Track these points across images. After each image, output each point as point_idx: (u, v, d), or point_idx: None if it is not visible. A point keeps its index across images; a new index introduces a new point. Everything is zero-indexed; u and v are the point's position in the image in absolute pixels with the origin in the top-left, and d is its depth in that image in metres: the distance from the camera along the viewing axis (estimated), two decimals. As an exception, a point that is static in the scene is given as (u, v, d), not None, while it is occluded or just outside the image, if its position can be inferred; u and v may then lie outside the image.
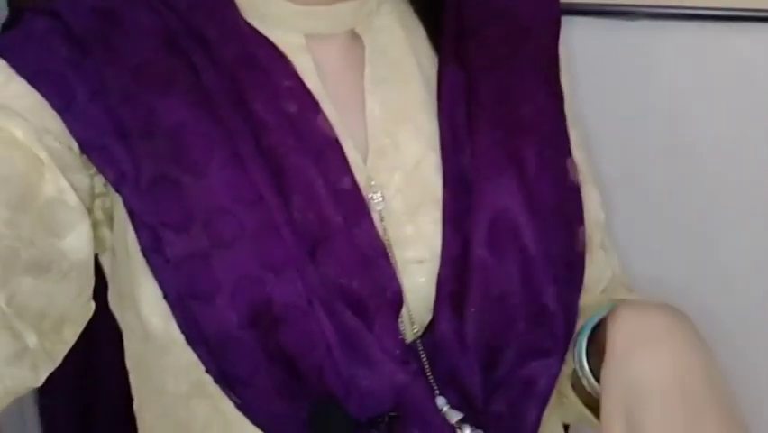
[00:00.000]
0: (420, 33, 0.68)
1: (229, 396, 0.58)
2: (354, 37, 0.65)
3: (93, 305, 0.60)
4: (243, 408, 0.58)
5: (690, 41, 0.93)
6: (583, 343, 0.61)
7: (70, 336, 0.59)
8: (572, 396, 0.65)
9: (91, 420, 1.03)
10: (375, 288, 0.58)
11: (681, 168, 0.99)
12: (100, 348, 0.81)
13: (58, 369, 0.59)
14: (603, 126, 0.93)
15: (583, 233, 0.65)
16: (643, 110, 0.97)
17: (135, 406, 0.69)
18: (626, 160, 0.98)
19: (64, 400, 1.03)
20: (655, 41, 0.94)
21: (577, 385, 0.65)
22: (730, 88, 0.94)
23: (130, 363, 0.68)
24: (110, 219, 0.62)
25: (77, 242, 0.57)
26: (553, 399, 0.63)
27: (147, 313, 0.59)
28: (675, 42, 0.93)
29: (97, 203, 0.61)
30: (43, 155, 0.56)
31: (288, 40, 0.62)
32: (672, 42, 0.94)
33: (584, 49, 0.91)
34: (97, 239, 0.61)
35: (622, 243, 0.85)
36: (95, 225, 0.61)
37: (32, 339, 0.54)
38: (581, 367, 0.61)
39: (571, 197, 0.65)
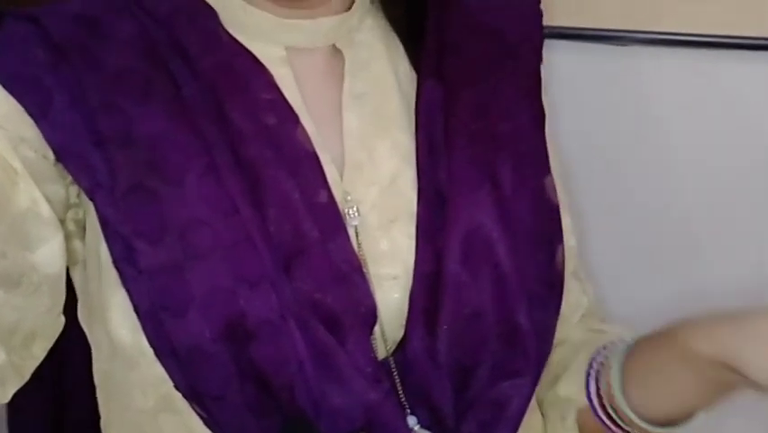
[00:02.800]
0: (400, 50, 0.68)
1: (197, 411, 0.57)
2: (335, 51, 0.65)
3: (63, 319, 0.60)
4: (212, 423, 0.57)
5: (679, 68, 0.93)
6: (617, 376, 0.62)
7: (40, 351, 0.58)
8: None
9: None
10: (349, 304, 0.58)
11: (667, 195, 0.99)
12: (70, 364, 0.80)
13: (27, 384, 0.58)
14: (588, 151, 0.94)
15: (562, 252, 0.65)
16: (629, 136, 0.98)
17: (102, 422, 0.68)
18: (611, 186, 0.98)
19: (33, 415, 1.01)
20: (644, 66, 0.94)
21: (588, 424, 0.66)
22: (717, 115, 0.94)
23: (97, 378, 0.67)
24: (82, 230, 0.61)
25: (49, 255, 0.57)
26: (526, 419, 0.63)
27: (116, 325, 0.58)
28: (663, 68, 0.94)
29: (70, 214, 0.60)
30: (17, 165, 0.56)
31: (268, 51, 0.62)
32: (660, 68, 0.94)
33: (572, 73, 0.92)
34: (69, 251, 0.61)
35: (602, 269, 0.85)
36: (66, 237, 0.60)
37: (0, 355, 0.53)
38: (616, 398, 0.61)
39: (549, 215, 0.65)
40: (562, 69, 0.84)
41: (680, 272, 1.00)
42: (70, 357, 0.74)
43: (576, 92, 0.92)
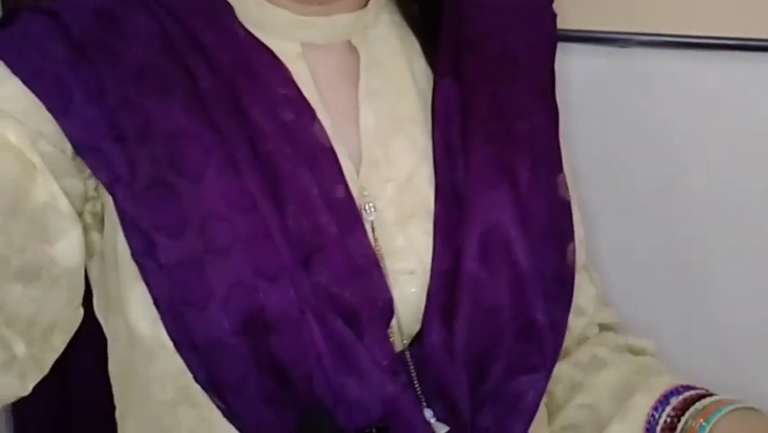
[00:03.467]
0: (415, 47, 0.69)
1: (216, 403, 0.57)
2: (350, 48, 0.65)
3: (81, 312, 0.60)
4: (230, 415, 0.58)
5: (683, 69, 0.94)
6: None
7: (59, 343, 0.58)
8: None
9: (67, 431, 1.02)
10: (366, 297, 0.58)
11: (671, 195, 1.00)
12: (76, 358, 0.80)
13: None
14: (594, 152, 0.94)
15: (573, 249, 0.66)
16: (634, 137, 0.98)
17: (117, 414, 0.68)
18: (616, 187, 0.99)
19: (39, 410, 1.01)
20: (648, 68, 0.95)
21: None
22: (723, 116, 0.95)
23: (114, 370, 0.67)
24: (100, 223, 0.62)
25: (68, 248, 0.57)
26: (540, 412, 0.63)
27: (135, 318, 0.58)
28: (668, 70, 0.94)
29: (88, 207, 0.61)
30: (36, 160, 0.56)
31: (284, 47, 0.62)
32: (664, 70, 0.94)
33: (577, 75, 0.92)
34: (86, 243, 0.61)
35: (605, 267, 0.86)
36: (84, 230, 0.60)
37: (20, 348, 0.54)
38: None
39: (562, 213, 0.66)
40: (566, 71, 0.84)
41: (683, 271, 1.01)
42: (76, 351, 0.74)
43: (580, 94, 0.92)
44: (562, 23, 0.75)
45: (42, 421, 1.04)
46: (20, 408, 1.03)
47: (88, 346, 0.66)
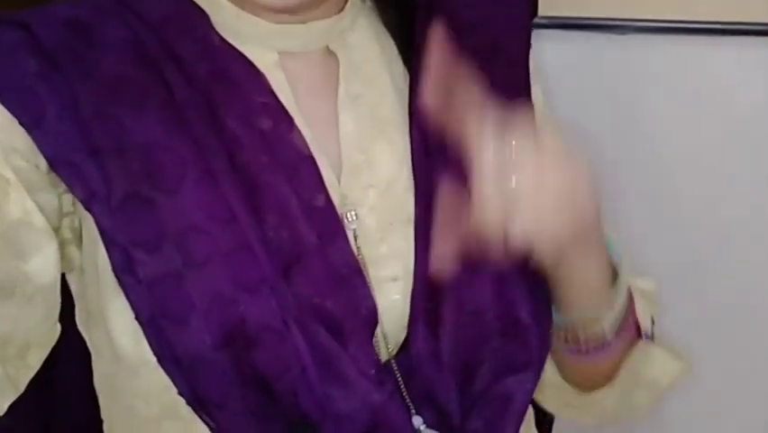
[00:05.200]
0: (393, 50, 0.68)
1: (202, 419, 0.57)
2: (328, 53, 0.65)
3: (59, 327, 0.59)
4: (216, 430, 0.57)
5: (679, 55, 0.94)
6: None
7: (35, 360, 0.57)
8: None
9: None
10: (350, 307, 0.58)
11: (662, 182, 0.99)
12: (61, 370, 0.79)
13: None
14: (588, 140, 0.94)
15: None
16: (629, 123, 0.98)
17: (105, 428, 0.67)
18: (611, 173, 0.99)
19: (23, 420, 1.00)
20: (644, 55, 0.95)
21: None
22: (718, 102, 0.95)
23: (98, 384, 0.66)
24: (78, 238, 0.61)
25: (42, 264, 0.56)
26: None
27: (117, 333, 0.57)
28: (663, 56, 0.94)
29: (65, 222, 0.60)
30: (9, 175, 0.55)
31: (261, 56, 0.61)
32: (660, 56, 0.95)
33: (567, 62, 0.92)
34: (65, 258, 0.60)
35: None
36: (62, 245, 0.59)
37: None
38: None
39: None
40: (557, 58, 0.84)
41: (673, 258, 1.01)
42: (62, 363, 0.73)
43: (571, 81, 0.92)
44: (551, 11, 0.74)
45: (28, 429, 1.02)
46: (5, 418, 1.01)
47: (77, 356, 0.65)
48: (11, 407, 0.57)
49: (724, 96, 0.94)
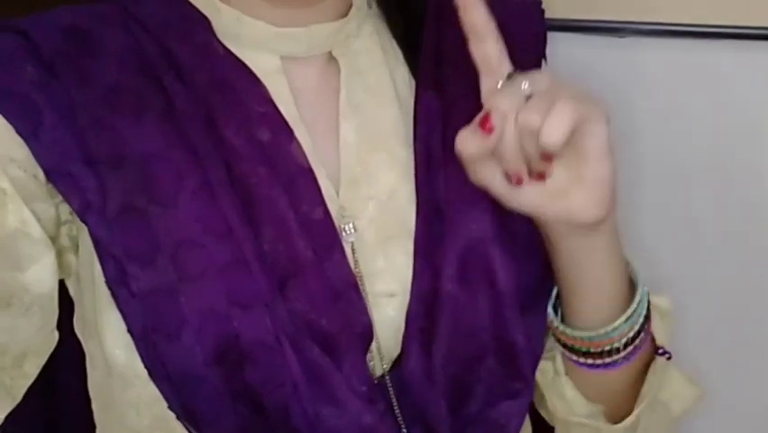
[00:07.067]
0: (399, 56, 0.67)
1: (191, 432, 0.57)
2: (331, 59, 0.63)
3: (56, 335, 0.59)
4: None
5: (678, 58, 0.92)
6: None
7: (32, 368, 0.58)
8: None
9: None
10: (345, 323, 0.57)
11: (665, 184, 0.98)
12: (64, 369, 0.79)
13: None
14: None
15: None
16: (630, 127, 0.97)
17: (98, 433, 0.68)
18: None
19: (26, 422, 1.00)
20: (644, 57, 0.93)
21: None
22: (718, 105, 0.93)
23: (92, 391, 0.66)
24: (76, 246, 0.61)
25: (40, 274, 0.56)
26: None
27: (110, 344, 0.57)
28: (663, 59, 0.93)
29: (63, 230, 0.60)
30: (6, 185, 0.55)
31: (263, 62, 0.60)
32: (660, 59, 0.93)
33: (572, 65, 0.90)
34: (63, 265, 0.60)
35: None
36: (60, 252, 0.59)
37: None
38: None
39: None
40: (558, 60, 0.82)
41: (678, 258, 0.99)
42: (64, 367, 0.73)
43: (571, 82, 0.91)
44: (552, 13, 0.73)
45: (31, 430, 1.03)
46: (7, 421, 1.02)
47: (78, 360, 0.65)
48: (14, 411, 0.57)
49: (726, 99, 0.93)
